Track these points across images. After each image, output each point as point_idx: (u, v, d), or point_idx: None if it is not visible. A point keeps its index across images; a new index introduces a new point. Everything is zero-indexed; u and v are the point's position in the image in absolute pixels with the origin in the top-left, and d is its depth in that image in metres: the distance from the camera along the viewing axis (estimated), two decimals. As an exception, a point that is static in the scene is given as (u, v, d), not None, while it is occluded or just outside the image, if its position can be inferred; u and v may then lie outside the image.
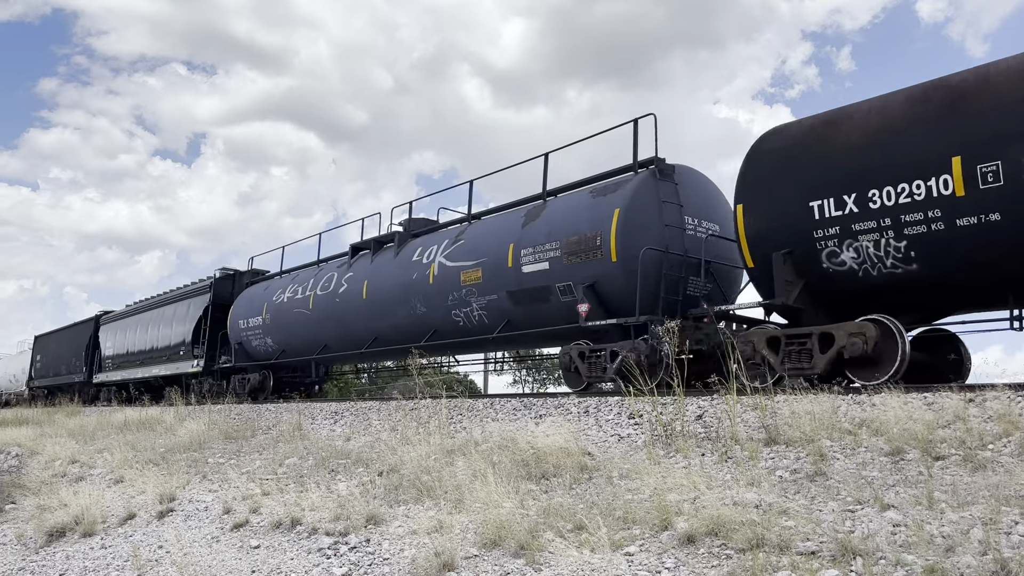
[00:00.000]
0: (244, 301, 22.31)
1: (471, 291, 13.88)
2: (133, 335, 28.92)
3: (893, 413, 6.80)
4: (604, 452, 8.03)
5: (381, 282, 16.30)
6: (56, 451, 15.03)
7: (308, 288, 18.95)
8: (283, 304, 19.84)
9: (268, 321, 20.39)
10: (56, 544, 9.33)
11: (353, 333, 17.21)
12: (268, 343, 20.60)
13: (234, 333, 22.09)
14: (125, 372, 28.85)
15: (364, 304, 16.65)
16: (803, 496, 5.73)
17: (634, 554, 5.33)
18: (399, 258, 16.17)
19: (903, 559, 4.37)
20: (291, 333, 19.58)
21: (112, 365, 30.74)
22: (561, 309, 12.39)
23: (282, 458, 10.72)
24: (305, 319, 18.77)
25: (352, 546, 6.76)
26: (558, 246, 12.31)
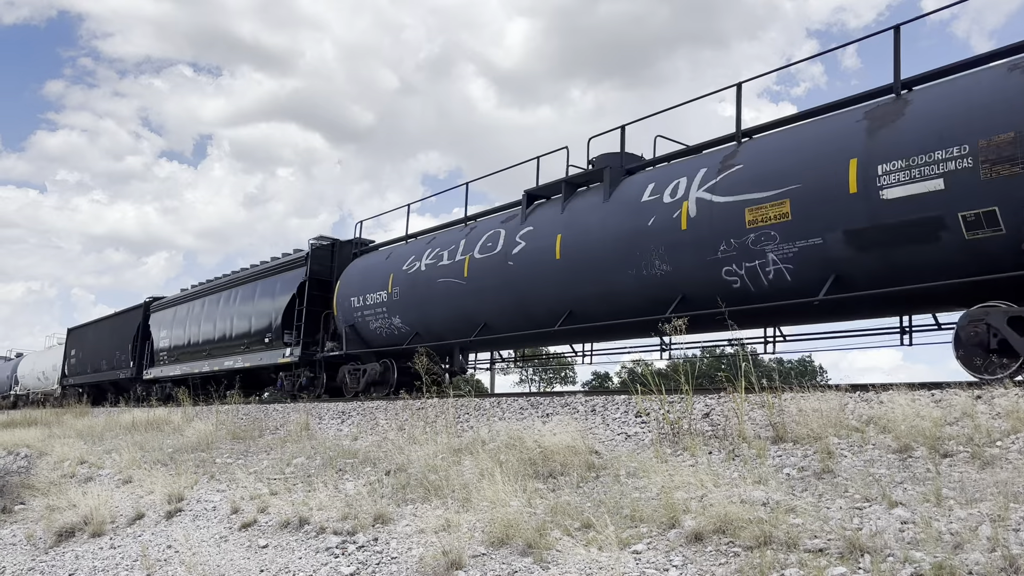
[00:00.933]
0: (356, 274, 18.05)
1: (766, 235, 9.84)
2: (196, 323, 25.13)
3: (901, 410, 6.79)
4: (611, 451, 8.03)
5: (584, 235, 12.24)
6: (65, 452, 15.09)
7: (459, 251, 14.75)
8: (419, 274, 15.62)
9: (396, 297, 16.09)
10: (65, 544, 9.37)
11: (534, 306, 13.17)
12: (395, 324, 16.32)
13: (344, 314, 17.74)
14: (186, 366, 25.16)
15: (556, 266, 12.59)
16: (811, 494, 5.72)
17: (642, 552, 5.33)
18: (615, 200, 12.06)
19: (911, 556, 4.37)
20: (431, 311, 15.38)
21: (168, 358, 26.92)
22: (959, 251, 8.37)
23: (290, 458, 10.76)
24: (455, 292, 14.63)
25: (360, 545, 6.77)
26: (967, 151, 8.16)
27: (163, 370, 27.11)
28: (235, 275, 23.92)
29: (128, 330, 30.42)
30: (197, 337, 24.82)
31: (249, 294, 22.20)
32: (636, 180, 12.08)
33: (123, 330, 31.05)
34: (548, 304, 12.85)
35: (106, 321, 34.21)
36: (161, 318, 28.43)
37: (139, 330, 29.53)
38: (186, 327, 25.82)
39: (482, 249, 14.22)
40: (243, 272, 23.48)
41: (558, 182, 13.44)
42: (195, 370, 24.49)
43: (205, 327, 24.43)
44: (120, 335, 31.17)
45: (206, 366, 23.74)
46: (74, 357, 36.53)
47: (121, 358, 30.47)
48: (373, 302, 16.82)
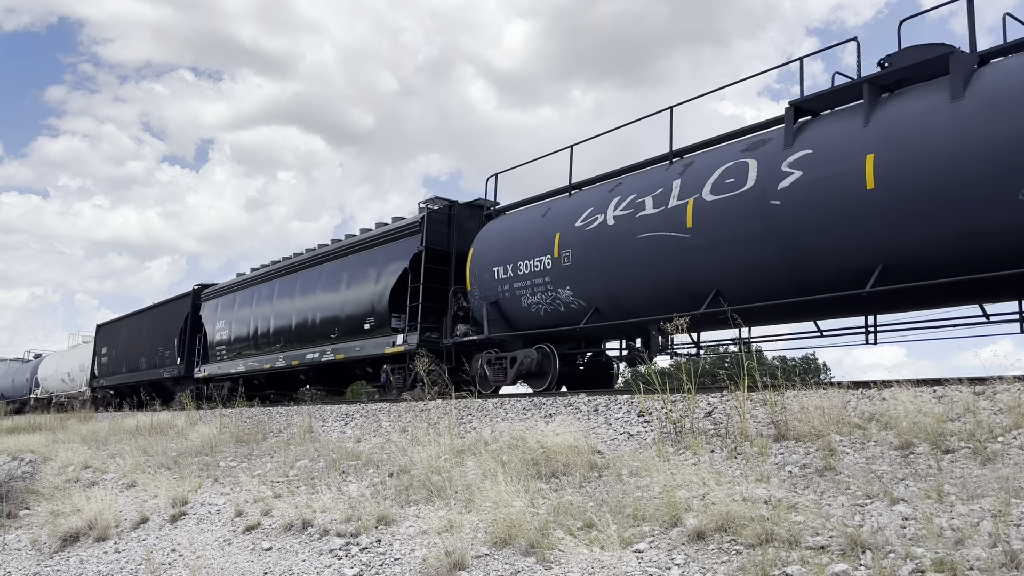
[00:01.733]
0: (499, 238, 14.48)
1: None
2: (266, 310, 21.42)
3: (903, 407, 6.79)
4: (614, 450, 8.04)
5: (922, 151, 8.53)
6: (69, 457, 15.12)
7: (673, 194, 11.06)
8: (604, 230, 11.96)
9: (567, 262, 12.54)
10: (70, 549, 9.39)
11: (815, 261, 9.55)
12: (562, 299, 12.68)
13: (484, 288, 14.29)
14: (253, 360, 21.60)
15: (866, 201, 8.93)
16: (812, 491, 5.72)
17: (644, 551, 5.34)
18: (976, 96, 8.38)
19: (912, 552, 4.37)
20: (622, 277, 11.74)
21: (227, 352, 23.20)
22: None
23: (293, 460, 10.77)
24: (672, 249, 10.94)
25: (363, 547, 6.79)
26: None
27: (221, 367, 23.38)
28: (321, 250, 20.10)
29: (173, 323, 26.70)
30: (267, 327, 21.14)
31: (339, 273, 18.58)
32: (1010, 66, 8.49)
33: (166, 323, 27.32)
34: (844, 257, 9.22)
35: (144, 315, 30.34)
36: (216, 307, 24.75)
37: (187, 322, 25.90)
38: (251, 316, 22.16)
39: (717, 188, 10.50)
40: (329, 248, 19.82)
41: (853, 84, 9.63)
42: (265, 365, 20.90)
43: (279, 314, 20.74)
44: (163, 329, 27.49)
45: (280, 360, 20.22)
46: (105, 356, 32.84)
47: (165, 355, 26.86)
48: (529, 271, 13.21)
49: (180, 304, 27.07)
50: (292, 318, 20.12)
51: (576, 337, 13.24)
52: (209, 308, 25.37)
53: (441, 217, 16.21)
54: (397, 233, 16.89)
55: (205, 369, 24.45)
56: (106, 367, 32.62)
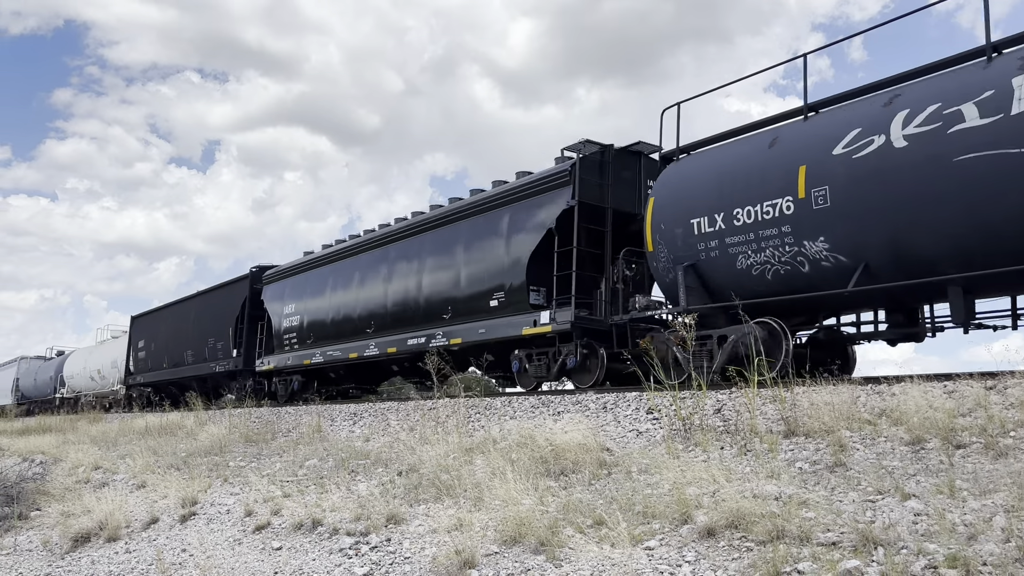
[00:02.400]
0: (691, 181, 11.25)
1: None
2: (349, 291, 18.25)
3: (913, 402, 6.76)
4: (623, 448, 8.03)
5: None
6: (79, 458, 15.18)
7: (1016, 96, 7.86)
8: (891, 155, 8.70)
9: (821, 204, 9.24)
10: (81, 549, 9.43)
11: None
12: (809, 254, 9.42)
13: (673, 248, 11.03)
14: (333, 349, 18.42)
15: None
16: (823, 487, 5.70)
17: (654, 548, 5.32)
18: None
19: (925, 548, 4.35)
20: (932, 216, 8.43)
21: (299, 342, 19.95)
22: None
23: (302, 460, 10.79)
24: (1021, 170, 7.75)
25: (373, 546, 6.79)
26: None
27: (291, 358, 20.09)
28: (417, 219, 16.84)
29: (227, 310, 23.46)
30: (353, 310, 17.90)
31: (450, 242, 15.41)
32: None
33: (218, 311, 24.04)
34: None
35: (190, 303, 27.02)
36: (282, 290, 21.45)
37: (244, 309, 22.69)
38: (330, 298, 18.92)
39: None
40: (431, 214, 16.41)
41: None
42: (351, 354, 17.63)
43: (368, 295, 17.45)
44: (214, 318, 24.25)
45: (372, 347, 16.98)
46: (143, 350, 29.68)
47: (217, 347, 23.66)
48: (753, 220, 9.91)
49: (235, 289, 23.55)
50: (386, 298, 16.84)
51: (817, 307, 10.25)
52: (273, 292, 21.86)
53: (594, 165, 13.10)
54: (535, 187, 13.66)
55: (270, 361, 20.95)
56: (144, 362, 29.54)
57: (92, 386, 34.27)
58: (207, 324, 24.81)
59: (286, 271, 21.75)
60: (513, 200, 14.07)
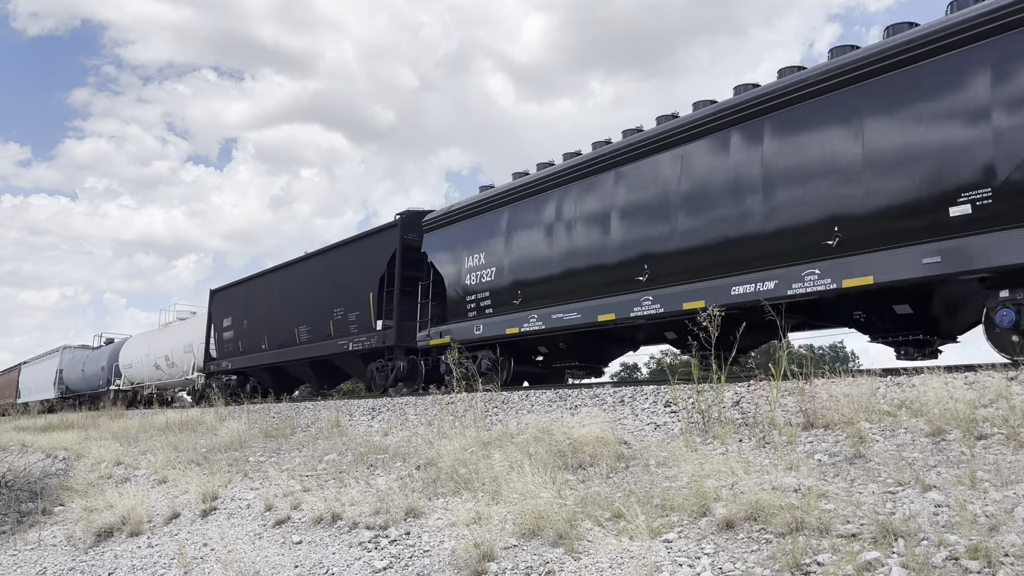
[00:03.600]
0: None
1: None
2: (586, 228, 12.63)
3: (933, 393, 6.71)
4: (640, 441, 8.02)
5: None
6: (101, 454, 15.32)
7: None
8: None
9: None
10: (104, 544, 9.53)
11: None
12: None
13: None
14: (563, 308, 12.77)
15: None
16: (843, 479, 5.68)
17: (673, 541, 5.32)
18: None
19: (946, 539, 4.32)
20: None
21: (494, 303, 14.37)
22: None
23: (321, 455, 10.85)
24: None
25: (392, 539, 6.82)
26: None
27: (482, 325, 14.51)
28: (721, 108, 10.78)
29: (365, 271, 17.94)
30: (603, 251, 12.18)
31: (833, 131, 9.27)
32: None
33: (349, 274, 18.67)
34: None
35: (300, 267, 21.59)
36: (459, 237, 15.57)
37: (392, 266, 17.12)
38: (552, 238, 13.20)
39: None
40: (754, 94, 10.38)
41: None
42: (603, 314, 11.99)
43: (638, 229, 11.67)
44: (342, 282, 18.85)
45: (646, 302, 11.30)
46: (229, 329, 24.49)
47: (349, 318, 18.24)
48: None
49: (376, 244, 18.02)
50: (675, 230, 11.03)
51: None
52: (442, 240, 16.09)
53: None
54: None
55: (444, 332, 15.25)
56: (231, 344, 24.27)
57: (157, 376, 29.39)
58: (331, 291, 19.19)
59: (464, 211, 15.65)
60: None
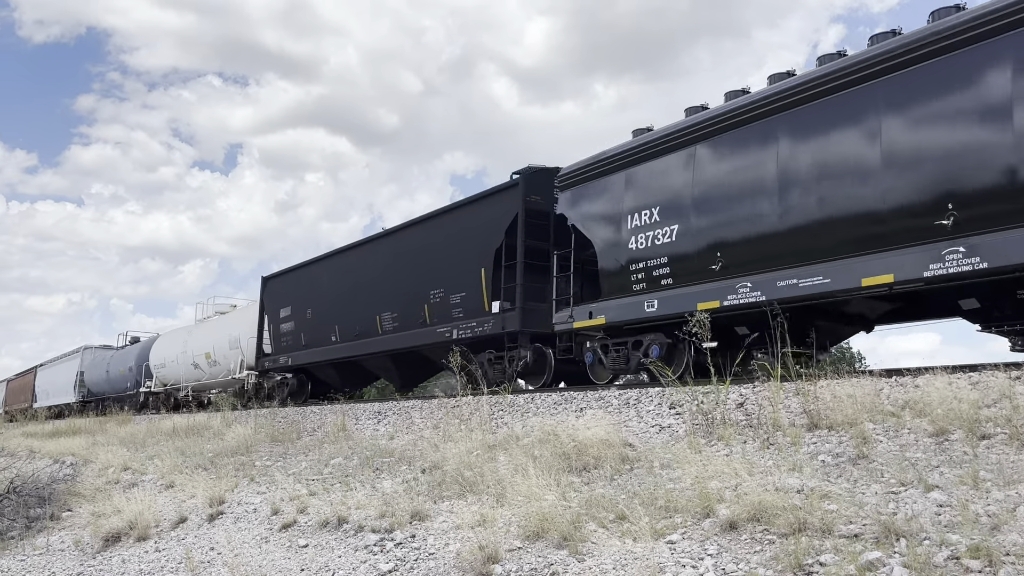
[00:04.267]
0: None
1: None
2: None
3: (937, 393, 6.72)
4: (645, 443, 8.04)
5: None
6: (108, 459, 15.38)
7: None
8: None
9: None
10: (112, 549, 9.57)
11: None
12: None
13: None
14: (817, 272, 9.22)
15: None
16: (846, 479, 5.69)
17: (676, 542, 5.34)
18: None
19: (948, 539, 4.34)
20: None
21: (674, 273, 11.05)
22: None
23: (327, 459, 10.88)
24: None
25: (398, 542, 6.85)
26: None
27: (657, 300, 11.12)
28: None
29: (473, 244, 14.71)
30: (865, 193, 8.92)
31: None
32: None
33: (451, 248, 15.32)
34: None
35: (379, 245, 18.23)
36: (615, 192, 12.18)
37: (512, 236, 13.84)
38: (782, 187, 9.77)
39: None
40: None
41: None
42: (874, 276, 8.67)
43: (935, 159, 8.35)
44: (441, 259, 15.60)
45: (965, 255, 7.97)
46: (288, 320, 21.23)
47: (451, 301, 15.10)
48: None
49: (490, 210, 14.66)
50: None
51: None
52: (591, 197, 12.67)
53: None
54: None
55: (602, 310, 12.04)
56: (291, 338, 20.98)
57: (195, 376, 26.24)
58: (427, 271, 15.97)
59: (624, 157, 12.07)
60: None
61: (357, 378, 19.96)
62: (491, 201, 14.82)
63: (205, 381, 25.98)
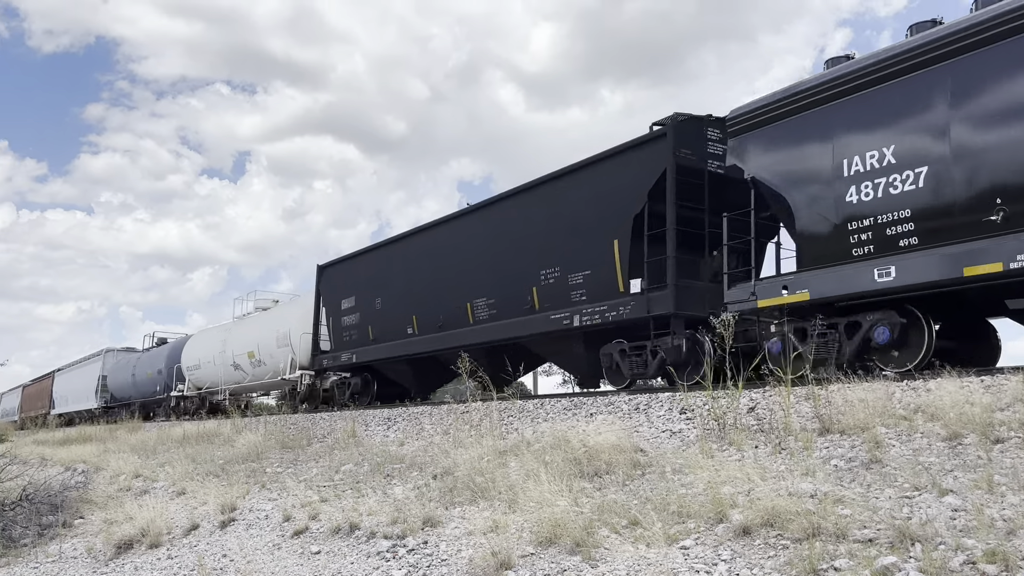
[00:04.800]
0: None
1: None
2: None
3: (950, 397, 6.70)
4: (656, 448, 8.03)
5: None
6: (120, 466, 15.43)
7: None
8: None
9: None
10: (124, 556, 9.60)
11: None
12: None
13: None
14: None
15: None
16: (859, 484, 5.67)
17: (690, 547, 5.33)
18: None
19: (963, 544, 4.32)
20: None
21: (943, 229, 8.31)
22: None
23: (338, 465, 10.89)
24: None
25: (410, 548, 6.85)
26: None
27: (897, 267, 8.66)
28: None
29: (600, 212, 12.53)
30: None
31: None
32: None
33: (569, 218, 13.07)
34: None
35: (472, 220, 15.74)
36: (826, 130, 9.49)
37: (657, 199, 11.56)
38: None
39: None
40: None
41: None
42: None
43: None
44: (554, 232, 13.35)
45: None
46: (351, 312, 18.87)
47: (569, 283, 12.91)
48: None
49: (624, 169, 12.30)
50: None
51: None
52: (788, 140, 10.04)
53: None
54: None
55: (808, 282, 9.60)
56: (355, 331, 18.68)
57: (236, 378, 24.06)
58: (536, 247, 13.68)
59: (822, 90, 9.65)
60: None
61: (434, 376, 17.73)
62: (626, 159, 12.28)
63: (247, 383, 23.74)
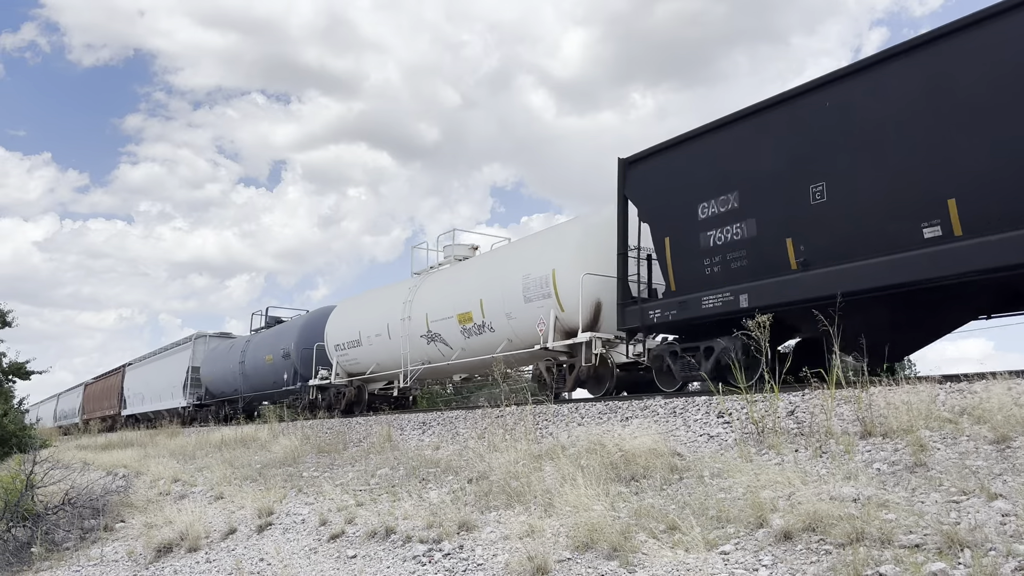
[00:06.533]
0: None
1: None
2: None
3: (997, 399, 6.52)
4: (694, 452, 7.93)
5: None
6: (159, 471, 15.61)
7: None
8: None
9: None
10: (164, 559, 9.69)
11: None
12: None
13: None
14: None
15: None
16: (903, 488, 5.54)
17: (730, 553, 5.24)
18: None
19: (1015, 550, 4.19)
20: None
21: None
22: None
23: (374, 469, 10.91)
24: None
25: (446, 552, 6.83)
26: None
27: None
28: None
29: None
30: None
31: None
32: None
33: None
34: None
35: (926, 55, 8.12)
36: None
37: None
38: None
39: None
40: None
41: None
42: None
43: None
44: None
45: None
46: (733, 223, 9.99)
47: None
48: None
49: None
50: None
51: None
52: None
53: None
54: None
55: None
56: (744, 253, 10.03)
57: (425, 356, 16.92)
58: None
59: None
60: None
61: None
62: None
63: (456, 360, 15.95)
